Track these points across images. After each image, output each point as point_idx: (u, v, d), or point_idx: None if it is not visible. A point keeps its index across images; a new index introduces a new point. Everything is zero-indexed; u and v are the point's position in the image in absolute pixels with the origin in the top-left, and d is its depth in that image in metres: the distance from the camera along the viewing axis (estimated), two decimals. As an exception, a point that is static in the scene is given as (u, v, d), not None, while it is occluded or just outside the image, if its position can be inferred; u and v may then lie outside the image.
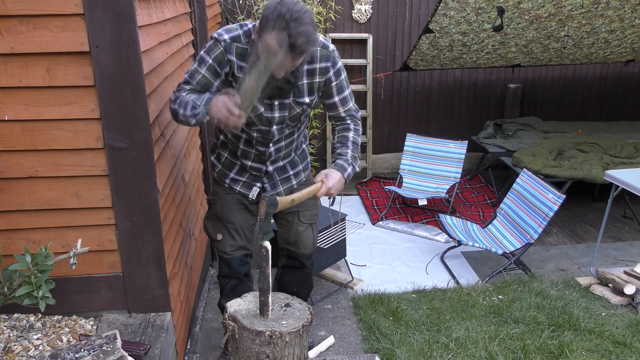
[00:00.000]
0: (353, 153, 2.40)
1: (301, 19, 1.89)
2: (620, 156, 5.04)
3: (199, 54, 2.19)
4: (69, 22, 1.91)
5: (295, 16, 1.88)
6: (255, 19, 5.29)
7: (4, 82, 1.95)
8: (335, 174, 2.30)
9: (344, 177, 2.33)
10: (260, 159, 2.39)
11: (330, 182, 2.27)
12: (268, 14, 1.91)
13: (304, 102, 2.27)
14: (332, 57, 2.23)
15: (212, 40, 2.16)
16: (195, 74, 2.17)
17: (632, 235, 4.62)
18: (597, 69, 6.37)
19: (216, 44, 2.13)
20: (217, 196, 2.49)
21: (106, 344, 1.84)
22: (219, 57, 2.14)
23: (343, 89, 2.34)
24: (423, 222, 4.90)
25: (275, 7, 1.90)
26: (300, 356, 1.99)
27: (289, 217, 2.57)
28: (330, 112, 2.41)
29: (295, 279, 2.68)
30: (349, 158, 2.37)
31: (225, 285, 2.58)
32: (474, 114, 6.31)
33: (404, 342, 2.91)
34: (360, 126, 2.47)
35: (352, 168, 2.37)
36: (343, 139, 2.42)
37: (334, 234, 3.49)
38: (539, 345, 2.90)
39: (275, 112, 2.25)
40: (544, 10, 4.24)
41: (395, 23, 5.85)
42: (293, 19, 1.88)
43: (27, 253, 1.72)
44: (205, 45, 2.19)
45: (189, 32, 3.33)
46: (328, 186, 2.27)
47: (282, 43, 1.89)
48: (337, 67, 2.27)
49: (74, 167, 2.08)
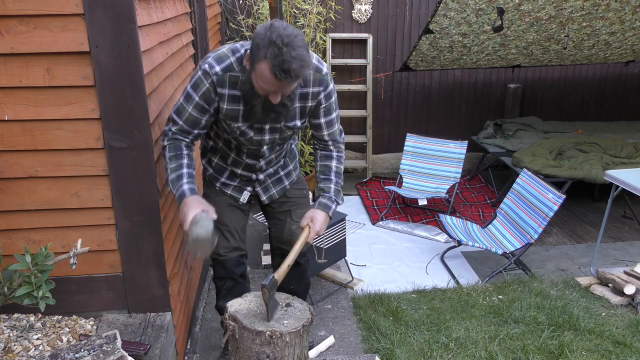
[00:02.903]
0: (336, 187, 2.38)
1: (293, 43, 1.84)
2: (620, 156, 5.04)
3: (186, 87, 2.11)
4: (69, 22, 1.91)
5: (287, 41, 1.83)
6: (256, 19, 5.28)
7: (4, 82, 1.95)
8: (320, 216, 2.28)
9: (329, 215, 2.32)
10: (251, 169, 2.42)
11: (318, 226, 2.25)
12: (259, 41, 1.86)
13: (295, 126, 2.27)
14: (325, 81, 2.20)
15: (200, 71, 2.08)
16: (182, 111, 2.13)
17: (632, 235, 4.62)
18: (597, 70, 6.37)
19: (206, 77, 2.06)
20: (208, 198, 2.48)
21: (106, 344, 1.84)
22: (206, 94, 2.09)
23: (331, 112, 2.30)
24: (423, 222, 4.90)
25: (265, 33, 1.86)
26: (300, 356, 1.99)
27: (281, 216, 2.57)
28: (314, 131, 2.38)
29: (291, 278, 2.67)
30: (332, 195, 2.35)
31: (222, 287, 2.57)
32: (474, 114, 6.31)
33: (404, 342, 2.91)
34: (343, 152, 2.44)
35: (335, 205, 2.36)
36: (326, 170, 2.39)
37: (334, 234, 3.49)
38: (539, 345, 2.90)
39: (266, 135, 2.25)
40: (544, 13, 4.24)
41: (395, 23, 5.85)
42: (285, 44, 1.83)
43: (27, 253, 1.72)
44: (193, 76, 2.11)
45: (189, 32, 3.33)
46: (316, 230, 2.25)
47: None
48: (329, 90, 2.23)
49: (74, 167, 2.08)
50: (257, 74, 1.91)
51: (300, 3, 5.27)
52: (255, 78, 1.94)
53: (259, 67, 1.88)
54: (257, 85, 1.96)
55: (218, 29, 4.96)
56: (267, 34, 1.85)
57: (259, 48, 1.86)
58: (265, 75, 1.87)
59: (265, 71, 1.86)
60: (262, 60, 1.85)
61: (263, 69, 1.86)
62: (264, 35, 1.85)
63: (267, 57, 1.84)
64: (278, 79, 1.86)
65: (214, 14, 4.69)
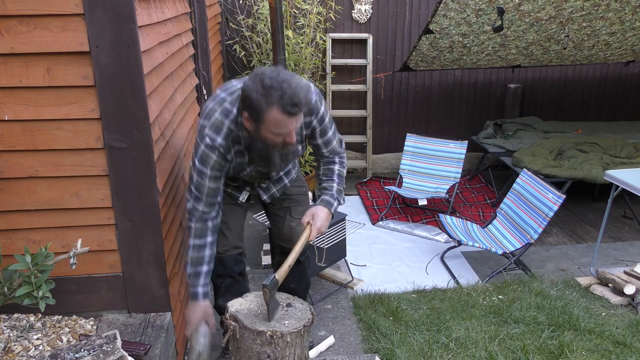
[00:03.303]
0: (338, 187, 2.40)
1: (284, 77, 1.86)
2: (620, 156, 5.04)
3: (195, 163, 2.11)
4: (69, 22, 1.91)
5: (279, 79, 1.84)
6: (256, 19, 5.28)
7: (4, 82, 1.95)
8: (322, 212, 2.28)
9: (330, 212, 2.33)
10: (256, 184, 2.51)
11: (319, 223, 2.24)
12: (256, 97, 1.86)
13: (298, 151, 2.32)
14: (315, 109, 2.21)
15: (204, 146, 2.08)
16: (201, 187, 2.14)
17: (632, 235, 4.62)
18: (597, 70, 6.37)
19: (212, 151, 2.08)
20: None
21: (106, 344, 1.84)
22: (216, 165, 2.12)
23: (326, 132, 2.32)
24: (423, 222, 4.90)
25: (255, 87, 1.86)
26: (301, 356, 1.99)
27: (280, 213, 2.58)
28: (314, 150, 2.41)
29: (291, 276, 2.66)
30: (334, 192, 2.36)
31: (220, 285, 2.57)
32: (474, 114, 6.31)
33: (404, 342, 2.91)
34: (345, 158, 2.47)
35: (337, 203, 2.37)
36: (329, 172, 2.42)
37: (334, 234, 3.49)
38: (539, 345, 2.90)
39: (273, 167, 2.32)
40: (544, 13, 4.24)
41: (395, 23, 5.85)
42: (280, 81, 1.84)
43: (27, 253, 1.72)
44: (197, 150, 2.10)
45: (189, 32, 3.33)
46: (317, 227, 2.24)
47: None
48: (320, 115, 2.24)
49: (74, 167, 2.08)
50: (269, 123, 1.91)
51: (300, 3, 5.27)
52: (267, 129, 1.94)
53: (268, 116, 1.88)
54: (271, 135, 1.96)
55: (218, 29, 4.96)
56: (258, 86, 1.85)
57: (259, 102, 1.86)
58: (278, 119, 1.88)
59: (277, 115, 1.87)
60: (269, 108, 1.86)
61: (274, 115, 1.87)
62: (256, 89, 1.86)
63: (273, 103, 1.84)
64: (292, 114, 1.88)
65: (214, 14, 4.69)
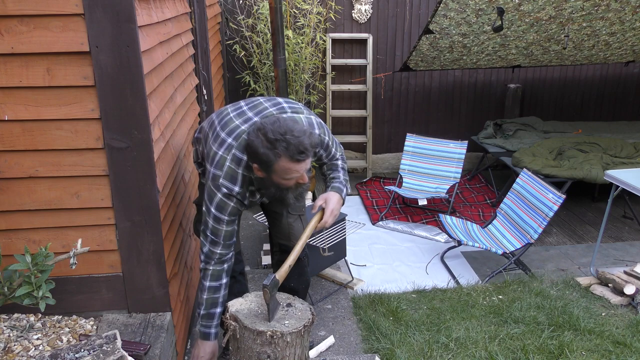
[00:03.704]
0: (344, 177, 2.47)
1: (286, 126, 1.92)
2: (620, 156, 5.04)
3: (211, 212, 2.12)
4: (69, 22, 1.91)
5: (281, 130, 1.91)
6: (256, 19, 5.28)
7: (4, 82, 1.95)
8: (334, 196, 2.33)
9: (342, 197, 2.38)
10: None
11: (331, 205, 2.30)
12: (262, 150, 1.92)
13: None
14: (320, 140, 2.28)
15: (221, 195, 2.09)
16: (218, 232, 2.16)
17: (632, 235, 4.62)
18: (597, 70, 6.37)
19: (229, 199, 2.10)
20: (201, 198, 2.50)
21: (106, 344, 1.84)
22: (233, 211, 2.14)
23: (330, 151, 2.40)
24: (423, 222, 4.90)
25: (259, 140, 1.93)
26: (301, 356, 1.99)
27: (277, 209, 2.58)
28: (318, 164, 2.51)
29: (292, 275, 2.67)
30: (342, 180, 2.44)
31: None
32: (474, 114, 6.31)
33: (404, 342, 2.91)
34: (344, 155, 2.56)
35: (346, 189, 2.44)
36: (333, 166, 2.49)
37: (334, 234, 3.49)
38: (539, 345, 2.90)
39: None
40: (544, 13, 4.24)
41: (395, 23, 5.85)
42: (282, 132, 1.91)
43: (27, 253, 1.72)
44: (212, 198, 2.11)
45: (189, 32, 3.33)
46: (330, 209, 2.29)
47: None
48: (325, 143, 2.33)
49: (74, 167, 2.08)
50: (280, 172, 1.98)
51: (300, 3, 5.27)
52: (279, 176, 2.01)
53: (278, 167, 1.96)
54: (283, 180, 2.03)
55: (218, 29, 4.96)
56: (262, 140, 1.92)
57: (267, 156, 1.93)
58: (288, 167, 1.96)
59: (286, 164, 1.95)
60: (278, 160, 1.93)
61: (283, 165, 1.95)
62: (260, 142, 1.93)
63: (280, 155, 1.92)
64: (301, 161, 1.95)
65: (214, 14, 4.69)
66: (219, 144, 2.14)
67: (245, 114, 2.21)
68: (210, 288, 2.22)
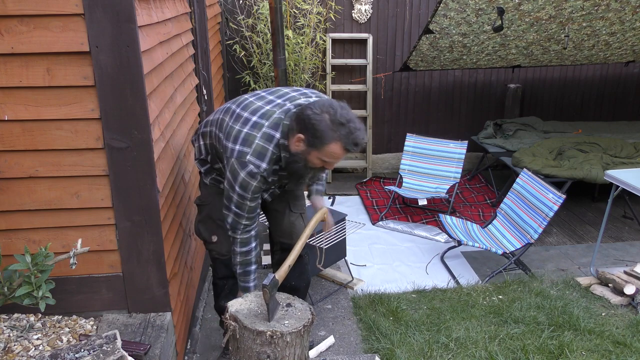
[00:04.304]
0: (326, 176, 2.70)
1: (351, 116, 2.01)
2: (620, 156, 5.04)
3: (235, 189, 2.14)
4: (69, 22, 1.91)
5: (348, 117, 2.00)
6: (256, 19, 5.28)
7: (4, 82, 1.95)
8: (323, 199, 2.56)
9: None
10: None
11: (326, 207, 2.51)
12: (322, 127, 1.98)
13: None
14: None
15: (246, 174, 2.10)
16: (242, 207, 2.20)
17: (632, 235, 4.62)
18: (597, 70, 6.37)
19: (254, 177, 2.11)
20: (209, 197, 2.50)
21: (106, 344, 1.84)
22: (257, 190, 2.17)
23: None
24: (423, 222, 4.90)
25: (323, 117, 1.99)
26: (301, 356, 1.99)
27: (279, 207, 2.59)
28: None
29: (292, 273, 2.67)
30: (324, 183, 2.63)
31: (224, 286, 2.58)
32: (474, 114, 6.31)
33: (404, 342, 2.91)
34: None
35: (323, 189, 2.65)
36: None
37: (334, 234, 3.49)
38: (539, 345, 2.90)
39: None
40: (544, 13, 4.24)
41: (395, 23, 5.85)
42: (348, 120, 1.99)
43: (27, 253, 1.72)
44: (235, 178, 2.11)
45: (189, 32, 3.33)
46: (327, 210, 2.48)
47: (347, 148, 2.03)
48: None
49: (74, 167, 2.08)
50: (325, 153, 2.05)
51: (300, 3, 5.27)
52: (320, 156, 2.07)
53: (329, 147, 2.02)
54: (319, 161, 2.09)
55: (218, 29, 4.96)
56: (327, 118, 1.99)
57: (326, 133, 1.99)
58: (336, 152, 2.03)
59: (337, 149, 2.02)
60: (334, 141, 2.00)
61: (335, 148, 2.02)
62: (323, 119, 1.99)
63: (339, 139, 2.00)
64: (349, 151, 2.05)
65: (214, 14, 4.69)
66: (242, 122, 2.15)
67: (266, 97, 2.25)
68: (241, 252, 2.32)
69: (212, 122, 2.37)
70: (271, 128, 2.12)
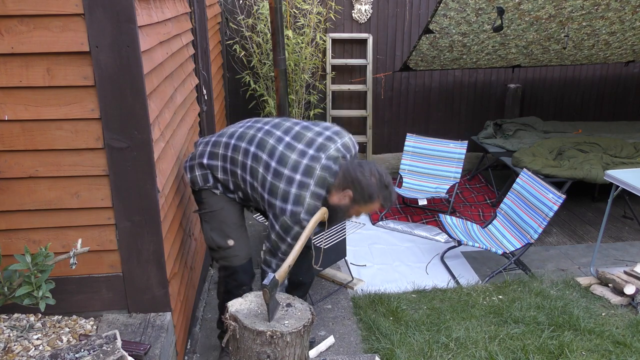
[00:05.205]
0: None
1: (389, 180, 2.30)
2: (620, 156, 5.04)
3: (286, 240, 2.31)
4: (69, 22, 1.91)
5: (387, 181, 2.28)
6: (256, 19, 5.28)
7: (4, 82, 1.95)
8: None
9: None
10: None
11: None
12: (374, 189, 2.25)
13: None
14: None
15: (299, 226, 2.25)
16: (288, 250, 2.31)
17: (632, 235, 4.62)
18: (597, 69, 6.37)
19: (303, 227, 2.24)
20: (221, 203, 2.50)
21: (106, 344, 1.84)
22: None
23: None
24: (423, 222, 4.90)
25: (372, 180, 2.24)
26: (301, 356, 1.99)
27: None
28: None
29: (300, 269, 2.66)
30: None
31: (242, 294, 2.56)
32: (474, 114, 6.31)
33: (404, 342, 2.91)
34: None
35: None
36: None
37: (334, 234, 3.49)
38: (539, 345, 2.90)
39: None
40: (544, 12, 4.24)
41: (395, 23, 5.84)
42: (387, 184, 2.28)
43: (27, 253, 1.72)
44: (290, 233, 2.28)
45: (189, 32, 3.33)
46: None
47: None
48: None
49: (74, 167, 2.08)
50: (364, 207, 2.31)
51: (300, 3, 5.26)
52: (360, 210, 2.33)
53: (371, 204, 2.29)
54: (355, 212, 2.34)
55: (218, 29, 4.96)
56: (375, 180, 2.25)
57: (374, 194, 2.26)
58: (376, 207, 2.32)
59: (377, 206, 2.31)
60: (376, 200, 2.28)
61: (375, 205, 2.30)
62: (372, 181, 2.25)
63: (378, 199, 2.28)
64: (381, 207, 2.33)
65: (214, 14, 4.69)
66: (286, 181, 2.26)
67: (295, 146, 2.33)
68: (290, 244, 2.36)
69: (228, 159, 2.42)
70: (318, 187, 2.26)
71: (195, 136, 3.44)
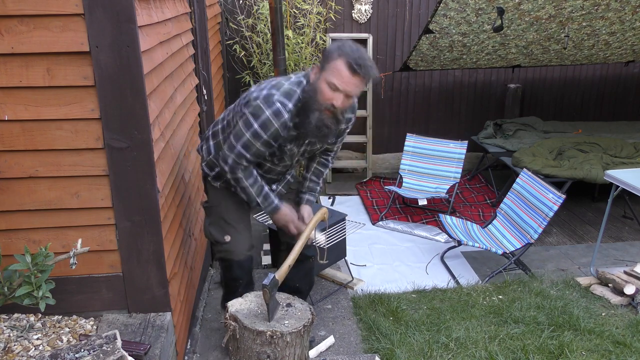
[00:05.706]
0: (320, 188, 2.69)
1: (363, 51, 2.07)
2: (620, 156, 5.04)
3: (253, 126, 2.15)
4: (69, 22, 1.91)
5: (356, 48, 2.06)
6: (256, 19, 5.28)
7: (4, 82, 1.95)
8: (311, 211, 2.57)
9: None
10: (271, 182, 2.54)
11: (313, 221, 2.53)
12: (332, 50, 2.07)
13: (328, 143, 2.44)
14: (355, 108, 2.35)
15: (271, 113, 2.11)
16: (249, 147, 2.21)
17: (632, 235, 4.62)
18: (597, 69, 6.37)
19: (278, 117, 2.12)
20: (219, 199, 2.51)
21: (106, 344, 1.84)
22: (274, 133, 2.16)
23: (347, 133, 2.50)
24: (423, 222, 4.90)
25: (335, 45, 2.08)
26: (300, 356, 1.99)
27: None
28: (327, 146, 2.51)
29: (297, 274, 2.67)
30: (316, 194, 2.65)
31: (238, 287, 2.58)
32: (474, 114, 6.31)
33: (404, 342, 2.91)
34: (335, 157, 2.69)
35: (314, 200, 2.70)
36: (319, 174, 2.61)
37: (334, 234, 3.49)
38: (539, 345, 2.90)
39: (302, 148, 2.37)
40: (544, 12, 4.24)
41: (395, 23, 5.85)
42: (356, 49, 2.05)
43: (27, 253, 1.72)
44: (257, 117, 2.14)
45: (189, 32, 3.33)
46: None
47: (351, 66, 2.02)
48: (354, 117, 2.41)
49: (74, 167, 2.08)
50: (331, 71, 2.05)
51: (300, 3, 5.26)
52: (326, 79, 2.06)
53: (333, 65, 2.03)
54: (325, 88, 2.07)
55: (218, 29, 4.96)
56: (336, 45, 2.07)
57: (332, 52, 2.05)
58: (340, 70, 2.02)
59: (341, 66, 2.02)
60: (337, 58, 2.02)
61: (339, 65, 2.02)
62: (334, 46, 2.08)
63: (342, 56, 2.02)
64: (353, 72, 2.01)
65: (214, 14, 4.69)
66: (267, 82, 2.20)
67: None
68: (251, 184, 2.31)
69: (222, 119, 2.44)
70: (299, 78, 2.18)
71: (195, 136, 3.44)
